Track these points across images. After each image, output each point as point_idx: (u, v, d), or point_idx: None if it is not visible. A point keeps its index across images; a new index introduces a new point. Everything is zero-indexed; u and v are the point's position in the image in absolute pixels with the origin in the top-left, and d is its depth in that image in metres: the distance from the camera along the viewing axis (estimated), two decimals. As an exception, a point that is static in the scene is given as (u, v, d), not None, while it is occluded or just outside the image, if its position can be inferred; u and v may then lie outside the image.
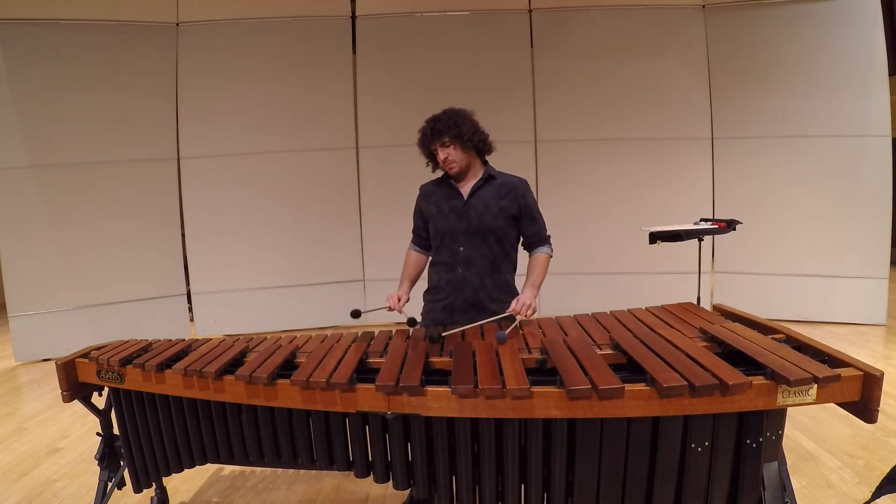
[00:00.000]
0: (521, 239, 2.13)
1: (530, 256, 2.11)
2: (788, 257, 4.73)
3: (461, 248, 2.03)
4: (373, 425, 1.55)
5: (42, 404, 3.49)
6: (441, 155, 2.00)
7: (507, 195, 2.03)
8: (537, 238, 2.10)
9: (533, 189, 4.90)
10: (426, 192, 2.15)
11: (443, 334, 1.74)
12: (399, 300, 2.03)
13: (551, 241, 2.13)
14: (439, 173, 2.15)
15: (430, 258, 2.19)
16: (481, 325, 1.86)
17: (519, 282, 2.13)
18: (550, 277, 2.12)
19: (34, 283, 4.33)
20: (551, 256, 2.10)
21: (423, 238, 2.19)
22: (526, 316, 1.87)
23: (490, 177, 2.05)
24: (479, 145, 2.03)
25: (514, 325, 1.77)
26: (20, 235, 4.27)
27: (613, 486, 1.39)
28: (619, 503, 1.40)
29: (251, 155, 4.81)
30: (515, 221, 2.07)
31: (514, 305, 1.89)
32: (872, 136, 4.47)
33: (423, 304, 2.19)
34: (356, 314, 2.03)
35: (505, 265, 2.09)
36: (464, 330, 1.82)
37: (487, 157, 2.11)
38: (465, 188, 2.06)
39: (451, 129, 1.96)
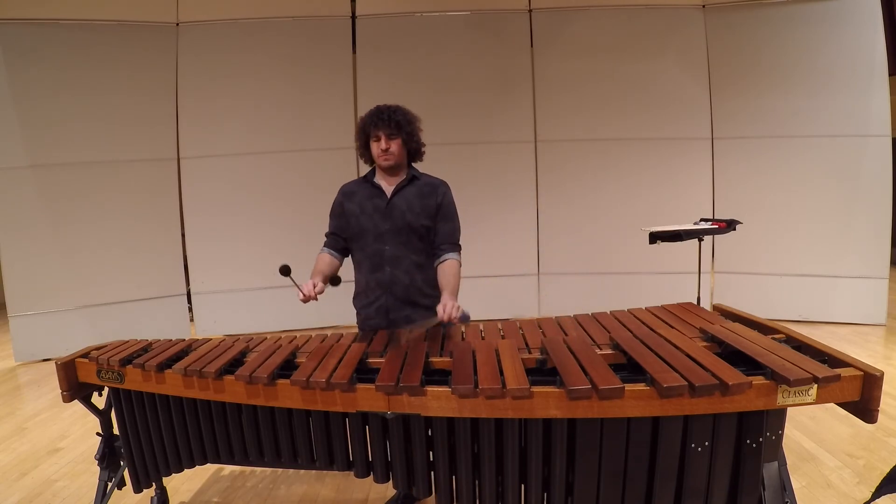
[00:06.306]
0: (433, 239, 2.06)
1: (439, 265, 2.02)
2: (788, 257, 4.72)
3: (387, 247, 2.02)
4: (373, 425, 1.55)
5: (42, 404, 3.49)
6: (383, 144, 1.97)
7: (429, 195, 2.04)
8: (448, 240, 2.04)
9: (533, 189, 4.86)
10: (348, 192, 2.11)
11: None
12: (314, 286, 1.91)
13: (461, 251, 2.07)
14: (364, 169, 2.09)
15: (353, 258, 2.13)
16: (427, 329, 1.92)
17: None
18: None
19: (34, 283, 4.32)
20: (460, 265, 2.03)
21: (339, 240, 2.13)
22: (454, 319, 1.76)
23: (413, 177, 2.06)
24: (414, 151, 2.06)
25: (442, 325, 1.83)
26: (20, 235, 4.27)
27: (613, 486, 1.39)
28: (619, 503, 1.40)
29: (251, 155, 4.81)
30: (433, 220, 2.05)
31: (441, 313, 1.77)
32: (872, 135, 4.47)
33: (354, 311, 2.14)
34: (285, 270, 1.85)
35: (431, 261, 2.07)
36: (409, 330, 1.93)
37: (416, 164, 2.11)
38: (389, 188, 2.05)
39: (404, 126, 1.97)
